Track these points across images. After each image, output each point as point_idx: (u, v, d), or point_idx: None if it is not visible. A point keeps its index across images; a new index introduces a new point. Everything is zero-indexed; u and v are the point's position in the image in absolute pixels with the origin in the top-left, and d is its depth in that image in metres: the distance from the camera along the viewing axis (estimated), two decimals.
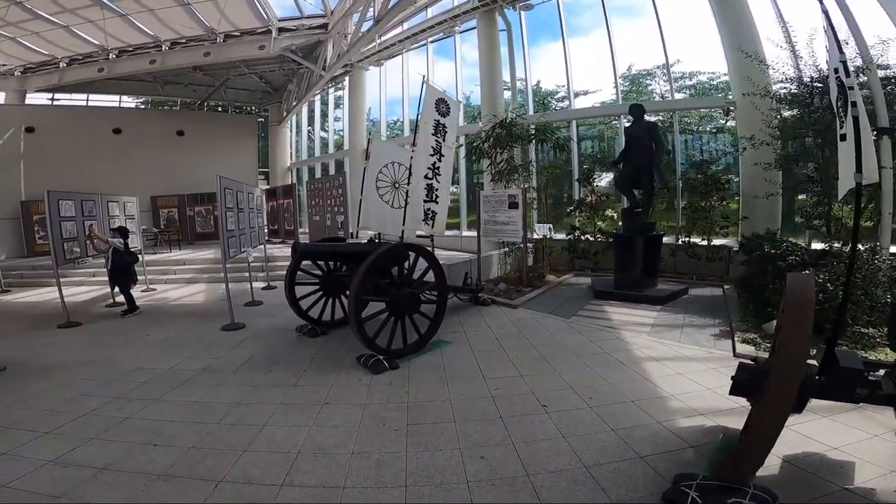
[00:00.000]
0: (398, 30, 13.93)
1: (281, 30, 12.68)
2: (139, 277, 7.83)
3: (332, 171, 17.46)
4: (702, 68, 10.36)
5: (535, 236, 8.34)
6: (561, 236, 10.00)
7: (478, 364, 4.45)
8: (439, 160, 6.15)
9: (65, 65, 14.48)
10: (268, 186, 17.14)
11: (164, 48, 13.54)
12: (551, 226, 9.19)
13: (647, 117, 7.27)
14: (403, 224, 5.42)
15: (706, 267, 8.38)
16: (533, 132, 8.02)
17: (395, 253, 4.67)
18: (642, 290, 6.83)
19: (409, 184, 5.63)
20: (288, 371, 4.40)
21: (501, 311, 6.44)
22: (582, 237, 9.58)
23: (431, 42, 13.78)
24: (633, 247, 7.00)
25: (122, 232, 7.21)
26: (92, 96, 17.74)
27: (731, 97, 8.85)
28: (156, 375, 4.40)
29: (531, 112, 10.77)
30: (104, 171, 14.26)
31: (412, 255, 4.87)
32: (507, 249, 8.73)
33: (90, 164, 14.46)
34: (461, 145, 10.69)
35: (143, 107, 19.35)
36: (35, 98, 16.12)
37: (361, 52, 14.45)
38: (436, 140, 6.07)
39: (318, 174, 18.21)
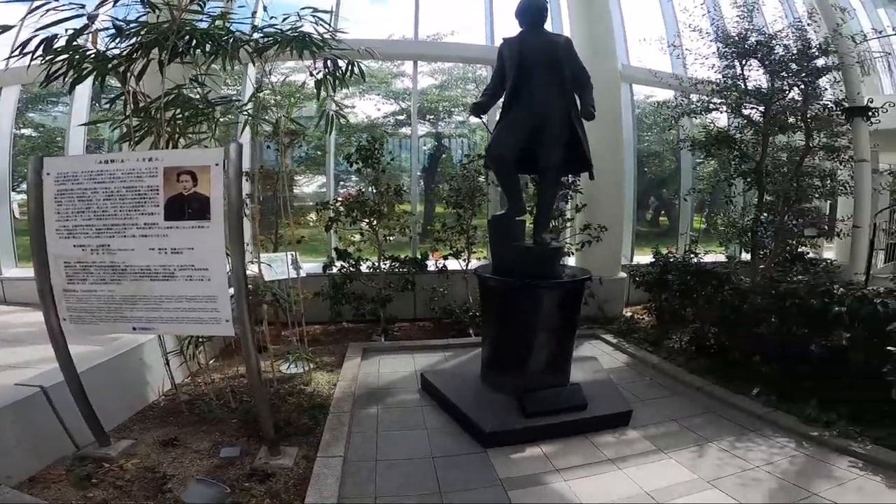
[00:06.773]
0: None
1: None
2: None
3: None
4: None
5: (261, 277, 3.16)
6: (310, 267, 5.10)
7: None
8: None
9: None
10: None
11: None
12: (296, 255, 3.98)
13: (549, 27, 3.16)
14: None
15: None
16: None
17: None
18: (572, 404, 2.90)
19: None
20: None
21: None
22: (351, 269, 4.94)
23: None
24: (534, 306, 2.93)
25: None
26: None
27: None
28: None
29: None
30: None
31: None
32: (188, 343, 3.05)
33: None
34: None
35: None
36: None
37: None
38: None
39: None
